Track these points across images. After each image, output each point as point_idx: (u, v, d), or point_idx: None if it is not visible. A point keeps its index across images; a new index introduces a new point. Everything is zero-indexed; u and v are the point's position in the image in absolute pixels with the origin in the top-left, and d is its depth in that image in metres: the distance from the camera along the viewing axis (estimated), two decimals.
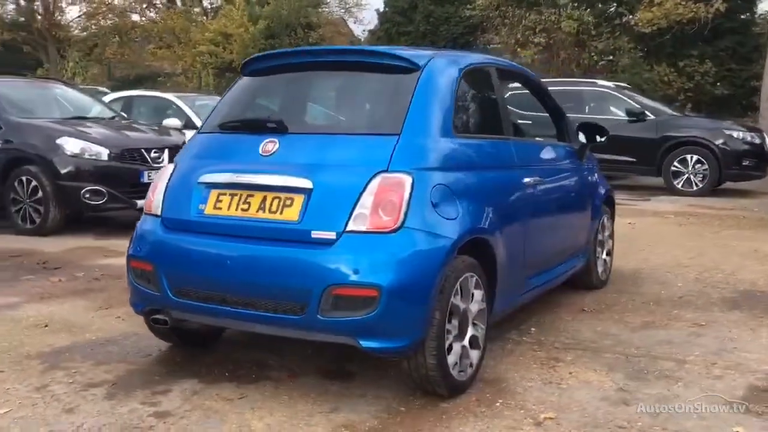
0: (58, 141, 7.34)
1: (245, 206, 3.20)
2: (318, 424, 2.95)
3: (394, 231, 2.95)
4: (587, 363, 3.66)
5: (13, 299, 4.88)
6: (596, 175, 5.03)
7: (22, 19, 29.73)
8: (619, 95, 11.91)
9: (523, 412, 3.07)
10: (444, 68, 3.51)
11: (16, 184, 7.41)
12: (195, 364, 3.63)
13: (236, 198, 3.23)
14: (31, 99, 8.48)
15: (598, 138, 4.68)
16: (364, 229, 2.96)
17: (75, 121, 8.03)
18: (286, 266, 3.02)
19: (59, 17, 30.89)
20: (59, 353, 3.79)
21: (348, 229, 2.97)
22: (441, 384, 3.11)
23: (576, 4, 20.10)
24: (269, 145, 3.28)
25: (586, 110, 11.84)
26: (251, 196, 3.20)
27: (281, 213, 3.10)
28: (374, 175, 3.02)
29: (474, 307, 3.31)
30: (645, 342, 3.99)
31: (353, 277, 2.90)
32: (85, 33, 30.99)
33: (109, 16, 30.49)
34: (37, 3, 29.78)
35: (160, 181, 3.51)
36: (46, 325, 4.28)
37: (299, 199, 3.09)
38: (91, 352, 3.81)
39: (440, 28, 23.74)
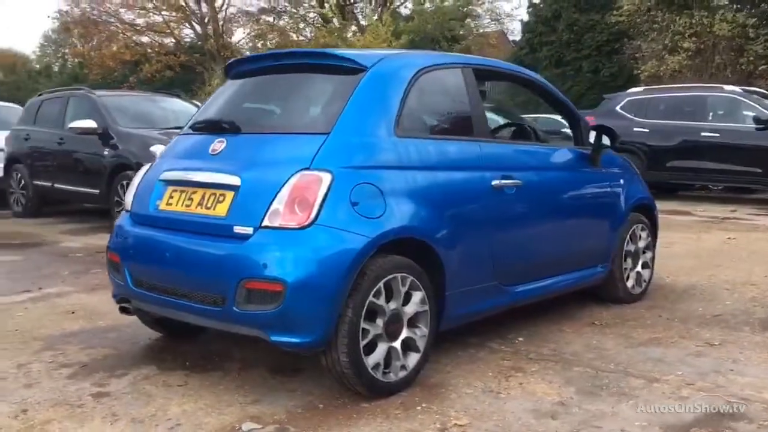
0: (152, 148, 7.94)
1: (189, 202, 3.37)
2: (230, 413, 3.04)
3: (305, 227, 2.99)
4: (548, 375, 3.47)
5: (68, 289, 5.39)
6: (621, 180, 4.72)
7: (198, 42, 32.32)
8: (748, 101, 10.97)
9: (437, 418, 2.99)
10: (393, 69, 3.50)
11: (119, 187, 8.13)
12: (168, 353, 3.85)
13: (184, 194, 3.41)
14: (143, 111, 9.26)
15: (609, 142, 4.40)
16: (276, 224, 3.02)
17: (174, 130, 8.66)
18: (210, 259, 3.15)
19: (228, 39, 33.26)
20: (63, 336, 4.15)
21: (263, 224, 3.04)
22: (357, 383, 3.10)
23: (733, 6, 18.76)
24: (217, 144, 3.43)
25: (710, 117, 11.05)
26: (195, 192, 3.37)
27: (214, 209, 3.24)
28: (295, 173, 3.08)
29: (410, 309, 3.26)
30: (632, 359, 3.71)
31: (262, 272, 2.97)
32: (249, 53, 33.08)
33: (270, 35, 32.32)
34: (210, 27, 32.27)
35: (135, 179, 3.77)
36: (72, 312, 4.69)
37: (229, 196, 3.21)
38: (89, 337, 4.14)
39: (584, 36, 23.06)
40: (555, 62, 24.08)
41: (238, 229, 3.09)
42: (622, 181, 4.73)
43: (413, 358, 3.30)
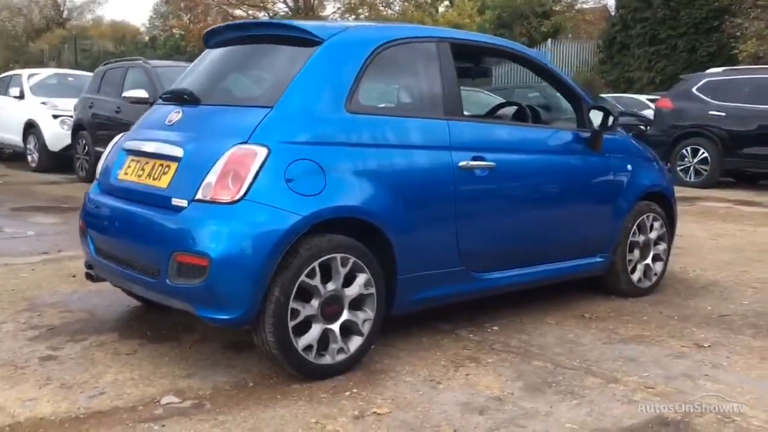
0: None
1: (141, 172, 3.37)
2: (158, 385, 3.04)
3: (234, 202, 2.93)
4: (501, 368, 3.30)
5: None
6: (628, 166, 4.40)
7: (291, 15, 32.71)
8: None
9: (360, 405, 2.89)
10: (351, 42, 3.37)
11: None
12: (137, 320, 3.91)
13: (138, 164, 3.42)
14: None
15: (608, 123, 4.10)
16: (208, 198, 2.98)
17: None
18: (149, 231, 3.15)
19: (320, 13, 33.50)
20: (49, 298, 4.28)
21: (196, 197, 3.01)
22: (286, 363, 3.03)
23: None
24: (174, 115, 3.41)
25: None
26: (147, 163, 3.37)
27: (159, 180, 3.23)
28: (232, 146, 3.02)
29: (352, 291, 3.15)
30: (602, 356, 3.48)
31: (190, 245, 2.94)
32: None
33: (360, 10, 32.33)
34: (301, 1, 32.58)
35: (108, 148, 3.81)
36: (74, 276, 4.82)
37: (173, 167, 3.19)
38: (73, 301, 4.25)
39: (681, 12, 21.78)
40: (649, 40, 22.85)
41: (175, 201, 3.07)
42: (629, 167, 4.41)
43: (355, 342, 3.20)
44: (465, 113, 3.89)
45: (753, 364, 3.43)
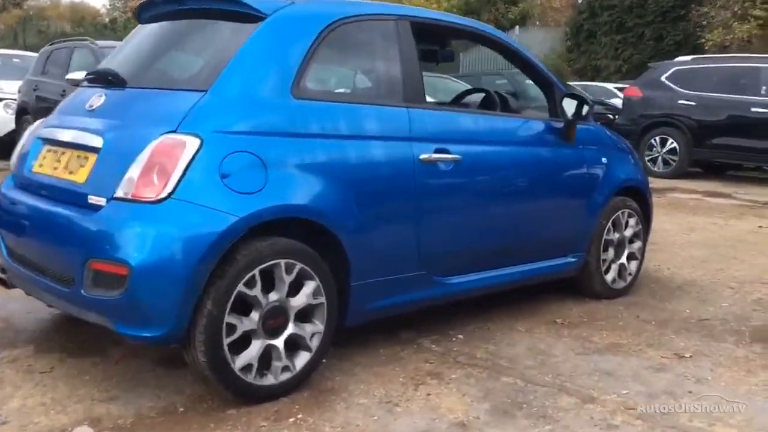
0: None
1: (56, 164, 2.95)
2: (72, 412, 2.64)
3: (159, 201, 2.53)
4: (466, 385, 2.96)
5: None
6: (603, 159, 4.08)
7: None
8: None
9: None
10: (299, 18, 2.97)
11: None
12: (58, 331, 3.49)
13: (54, 155, 3.00)
14: None
15: (582, 112, 3.77)
16: (129, 196, 2.57)
17: None
18: (62, 233, 2.73)
19: None
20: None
21: (116, 195, 2.60)
22: (220, 385, 2.64)
23: None
24: (96, 99, 2.99)
25: (763, 91, 10.04)
26: (63, 153, 2.94)
27: (76, 173, 2.81)
28: (159, 136, 2.61)
29: (299, 301, 2.78)
30: (577, 369, 3.16)
31: (107, 251, 2.53)
32: None
33: None
34: None
35: (24, 136, 3.37)
36: None
37: (92, 159, 2.77)
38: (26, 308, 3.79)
39: (648, 1, 21.66)
40: (616, 28, 22.73)
41: (92, 199, 2.66)
42: (604, 160, 4.09)
43: (302, 359, 2.83)
44: (428, 100, 3.53)
45: (739, 377, 3.13)
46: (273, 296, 2.71)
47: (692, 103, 10.46)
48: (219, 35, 2.99)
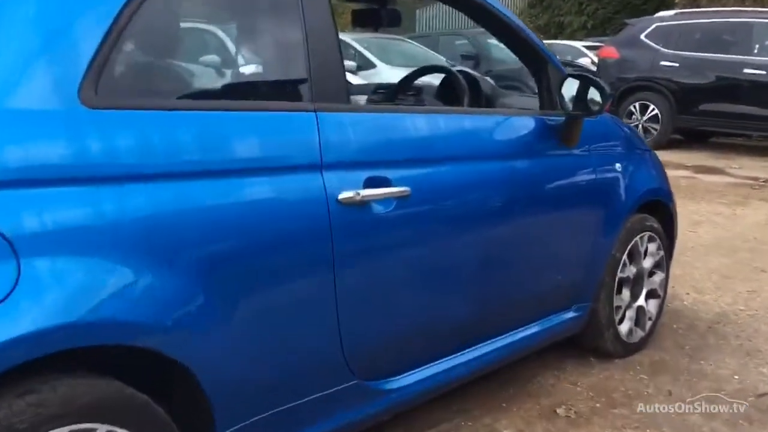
0: None
1: None
2: None
3: None
4: None
5: None
6: (616, 165, 2.83)
7: None
8: None
9: None
10: None
11: None
12: None
13: None
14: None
15: (595, 103, 2.49)
16: None
17: None
18: None
19: None
20: None
21: None
22: None
23: None
24: None
25: (755, 50, 8.89)
26: None
27: None
28: None
29: None
30: None
31: None
32: None
33: None
34: None
35: None
36: None
37: None
38: None
39: None
40: None
41: None
42: (617, 167, 2.84)
43: None
44: (357, 93, 2.23)
45: None
46: None
47: (676, 64, 9.28)
48: None
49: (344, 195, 1.83)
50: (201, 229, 1.59)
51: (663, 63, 9.35)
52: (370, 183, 1.90)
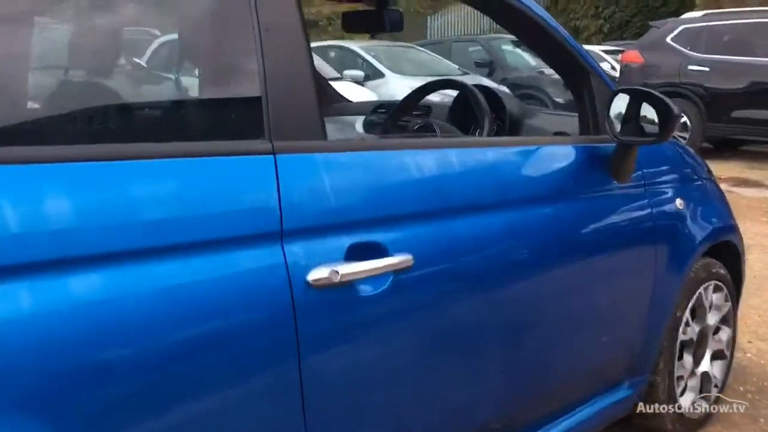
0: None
1: None
2: None
3: None
4: None
5: None
6: (678, 201, 2.24)
7: None
8: None
9: None
10: None
11: None
12: None
13: None
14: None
15: (653, 126, 1.91)
16: None
17: None
18: None
19: None
20: None
21: None
22: None
23: None
24: None
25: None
26: None
27: None
28: None
29: None
30: None
31: None
32: None
33: None
34: None
35: None
36: None
37: None
38: None
39: None
40: None
41: None
42: (678, 204, 2.25)
43: None
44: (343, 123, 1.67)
45: None
46: None
47: (705, 69, 8.68)
48: None
49: (316, 275, 1.26)
50: (80, 337, 1.02)
51: (691, 67, 8.75)
52: (356, 253, 1.33)
